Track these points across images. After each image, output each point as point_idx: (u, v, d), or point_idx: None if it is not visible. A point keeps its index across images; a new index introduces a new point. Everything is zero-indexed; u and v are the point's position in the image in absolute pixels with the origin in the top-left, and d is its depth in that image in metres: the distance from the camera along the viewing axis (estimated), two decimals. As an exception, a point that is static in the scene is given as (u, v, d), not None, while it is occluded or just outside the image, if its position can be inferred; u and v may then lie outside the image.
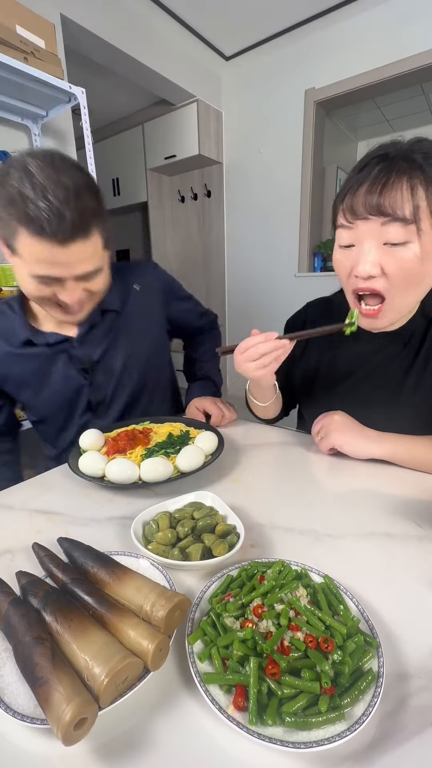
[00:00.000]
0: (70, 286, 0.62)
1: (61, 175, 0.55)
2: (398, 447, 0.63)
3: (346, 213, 0.55)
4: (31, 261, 0.58)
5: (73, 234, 0.56)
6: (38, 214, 0.53)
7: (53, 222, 0.54)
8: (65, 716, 0.24)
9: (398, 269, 0.54)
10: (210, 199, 3.07)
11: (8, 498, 0.60)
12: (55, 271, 0.59)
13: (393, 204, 0.50)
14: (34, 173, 0.54)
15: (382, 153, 0.54)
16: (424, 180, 0.51)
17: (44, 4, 1.63)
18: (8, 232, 0.57)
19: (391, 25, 2.11)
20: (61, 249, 0.56)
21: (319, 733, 0.26)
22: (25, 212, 0.53)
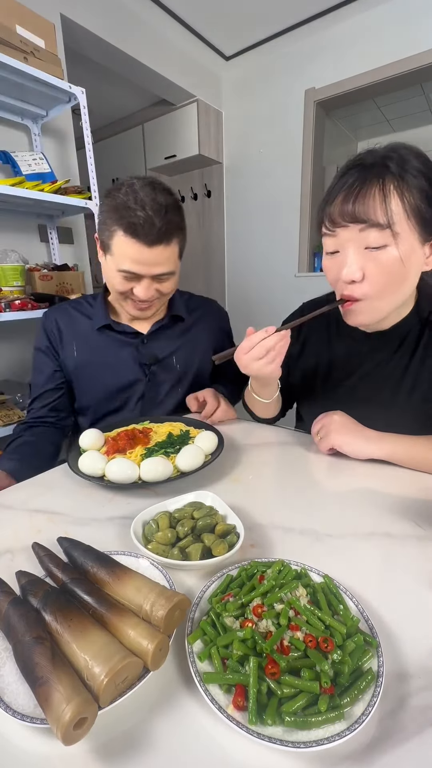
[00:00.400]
0: (145, 284, 0.77)
1: (157, 194, 0.72)
2: (397, 447, 0.63)
3: (327, 221, 0.58)
4: (120, 258, 0.73)
5: (159, 239, 0.72)
6: (136, 220, 0.70)
7: (146, 227, 0.70)
8: (65, 716, 0.24)
9: (380, 272, 0.56)
10: (210, 199, 3.06)
11: (8, 498, 0.59)
12: (136, 268, 0.74)
13: (367, 211, 0.53)
14: (138, 190, 0.71)
15: (359, 162, 0.56)
16: (398, 185, 0.52)
17: (44, 4, 1.63)
18: (108, 234, 0.73)
19: (391, 25, 2.10)
20: (148, 250, 0.72)
21: (318, 732, 0.26)
22: (125, 218, 0.70)
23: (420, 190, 0.53)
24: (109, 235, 0.73)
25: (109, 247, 0.74)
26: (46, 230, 1.83)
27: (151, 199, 0.70)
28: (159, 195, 0.72)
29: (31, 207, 1.66)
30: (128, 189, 0.72)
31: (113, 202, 0.72)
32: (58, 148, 1.85)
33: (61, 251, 1.88)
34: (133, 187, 0.72)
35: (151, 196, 0.71)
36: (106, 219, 0.73)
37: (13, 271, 1.54)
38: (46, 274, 1.63)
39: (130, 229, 0.70)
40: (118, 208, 0.71)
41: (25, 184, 1.44)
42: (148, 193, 0.71)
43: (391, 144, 0.57)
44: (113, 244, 0.73)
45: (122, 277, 0.76)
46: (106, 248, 0.76)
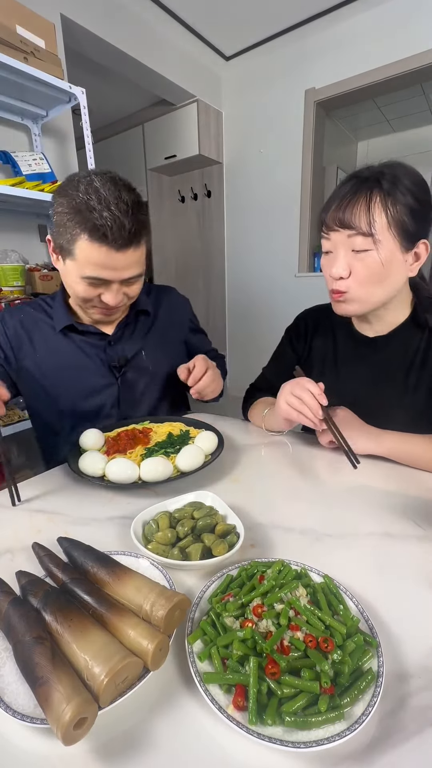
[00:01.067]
0: (114, 289, 0.70)
1: (121, 191, 0.64)
2: (397, 444, 0.65)
3: (323, 225, 0.66)
4: (85, 264, 0.66)
5: (129, 242, 0.65)
6: (102, 222, 0.61)
7: (115, 230, 0.62)
8: (65, 716, 0.24)
9: (362, 271, 0.64)
10: (210, 199, 3.06)
11: (8, 498, 0.59)
12: (105, 274, 0.67)
13: (353, 219, 0.61)
14: (99, 188, 0.63)
15: (356, 174, 0.64)
16: (383, 199, 0.60)
17: (44, 4, 1.63)
18: (68, 238, 0.65)
19: (391, 25, 2.10)
20: (117, 254, 0.65)
21: (318, 732, 0.26)
22: (90, 220, 0.62)
23: (406, 206, 0.60)
24: (69, 239, 0.64)
25: (70, 252, 0.66)
26: (46, 230, 1.83)
27: (116, 197, 0.63)
28: (123, 192, 0.64)
29: (31, 207, 1.66)
30: (88, 186, 0.63)
31: (71, 202, 0.63)
32: (59, 148, 1.86)
33: (61, 251, 1.87)
34: (93, 184, 0.63)
35: (114, 194, 0.63)
36: (65, 221, 0.64)
37: (13, 271, 1.55)
38: (46, 274, 1.63)
39: (97, 232, 0.62)
40: (79, 209, 0.62)
41: (26, 184, 1.44)
42: (111, 191, 0.63)
43: (389, 161, 0.64)
44: (76, 249, 0.65)
45: (87, 284, 0.68)
46: (65, 253, 0.67)
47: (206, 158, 2.81)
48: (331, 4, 2.11)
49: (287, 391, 0.67)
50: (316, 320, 0.86)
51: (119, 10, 2.02)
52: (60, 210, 0.64)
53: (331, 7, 2.13)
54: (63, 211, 0.64)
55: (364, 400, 0.73)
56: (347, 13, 2.18)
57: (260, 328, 3.06)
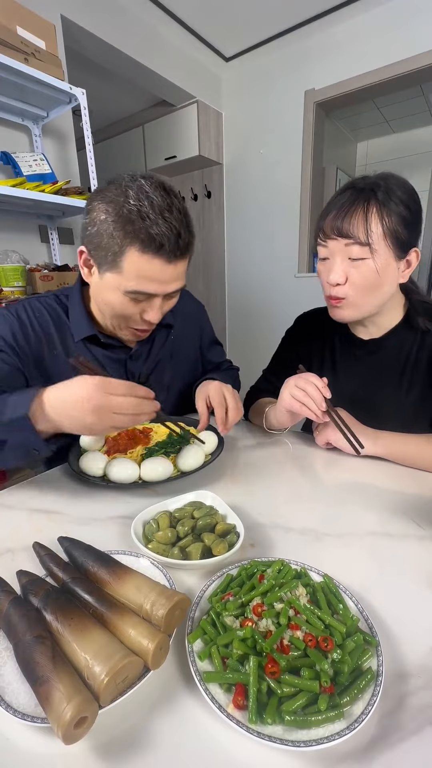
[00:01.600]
0: (157, 304, 0.64)
1: (172, 198, 0.59)
2: (393, 444, 0.66)
3: (320, 233, 0.68)
4: (132, 277, 0.59)
5: (184, 252, 0.61)
6: (159, 231, 0.56)
7: (172, 240, 0.57)
8: (65, 715, 0.24)
9: (359, 278, 0.65)
10: (210, 200, 3.07)
11: (8, 498, 0.60)
12: (152, 288, 0.61)
13: (351, 229, 0.62)
14: (150, 192, 0.57)
15: (353, 185, 0.65)
16: (379, 209, 0.61)
17: (45, 5, 1.64)
18: (115, 250, 0.58)
19: (390, 26, 2.11)
20: (169, 266, 0.60)
21: (318, 731, 0.26)
22: (145, 230, 0.56)
23: (399, 216, 0.62)
24: (117, 251, 0.58)
25: (115, 265, 0.59)
26: (46, 231, 1.83)
27: (168, 204, 0.58)
28: (174, 199, 0.59)
29: (31, 208, 1.66)
30: (139, 192, 0.56)
31: (119, 210, 0.56)
32: (59, 149, 1.86)
33: (61, 252, 1.88)
34: (144, 189, 0.57)
35: (167, 201, 0.58)
36: (111, 231, 0.57)
37: (13, 271, 1.55)
38: (46, 274, 1.63)
39: (152, 243, 0.56)
40: (130, 218, 0.55)
41: (26, 185, 1.44)
42: (163, 197, 0.57)
43: (382, 173, 0.66)
44: (123, 262, 0.58)
45: (130, 299, 0.62)
46: (107, 265, 0.60)
47: (206, 159, 2.82)
48: (330, 5, 2.11)
49: (292, 384, 0.68)
50: (313, 323, 0.88)
51: (119, 11, 2.03)
52: (103, 218, 0.57)
53: (331, 8, 2.14)
54: (108, 220, 0.57)
55: (361, 402, 0.74)
56: (347, 14, 2.18)
57: (260, 328, 3.06)
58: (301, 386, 0.66)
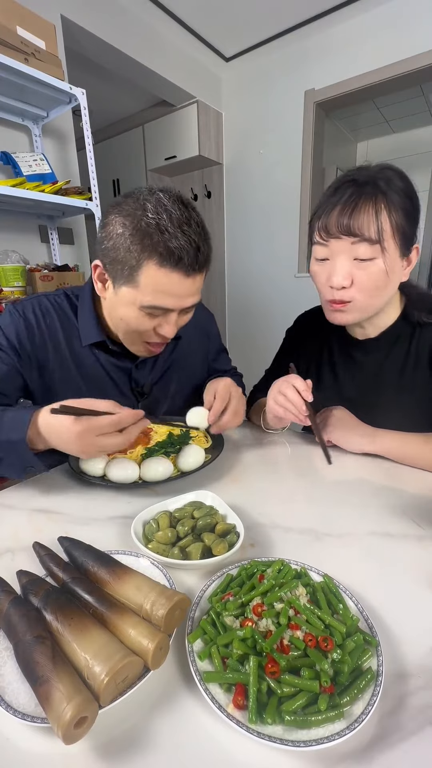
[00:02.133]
0: (173, 319, 0.63)
1: (190, 211, 0.58)
2: (392, 443, 0.66)
3: (321, 231, 0.62)
4: (150, 292, 0.58)
5: (203, 266, 0.60)
6: (179, 244, 0.55)
7: (191, 254, 0.56)
8: (66, 715, 0.24)
9: (367, 281, 0.61)
10: (210, 200, 3.07)
11: (8, 498, 0.60)
12: (168, 302, 0.60)
13: (361, 226, 0.58)
14: (168, 206, 0.56)
15: (352, 178, 0.60)
16: (387, 204, 0.58)
17: (45, 5, 1.64)
18: (132, 264, 0.57)
19: (390, 26, 2.11)
20: (187, 280, 0.59)
21: (318, 731, 0.26)
22: (163, 244, 0.55)
23: (403, 210, 0.59)
24: (134, 265, 0.57)
25: (131, 279, 0.58)
26: (46, 231, 1.83)
27: (187, 217, 0.57)
28: (193, 212, 0.58)
29: (31, 208, 1.66)
30: (157, 206, 0.55)
31: (138, 223, 0.55)
32: (59, 149, 1.86)
33: (61, 252, 1.88)
34: (162, 203, 0.56)
35: (186, 214, 0.57)
36: (129, 245, 0.56)
37: (13, 271, 1.55)
38: (46, 274, 1.63)
39: (171, 257, 0.55)
40: (148, 231, 0.55)
41: (26, 185, 1.44)
42: (182, 210, 0.56)
43: (380, 164, 0.62)
44: (140, 276, 0.57)
45: (146, 314, 0.61)
46: (124, 280, 0.59)
47: (206, 159, 2.82)
48: (330, 5, 2.12)
49: (276, 389, 0.68)
50: (312, 323, 0.87)
51: (119, 11, 2.03)
52: (121, 231, 0.56)
53: (331, 8, 2.14)
54: (125, 233, 0.56)
55: (361, 402, 0.73)
56: (347, 14, 2.18)
57: (260, 329, 3.06)
58: (282, 391, 0.66)
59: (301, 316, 0.93)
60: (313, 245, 0.66)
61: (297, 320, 0.93)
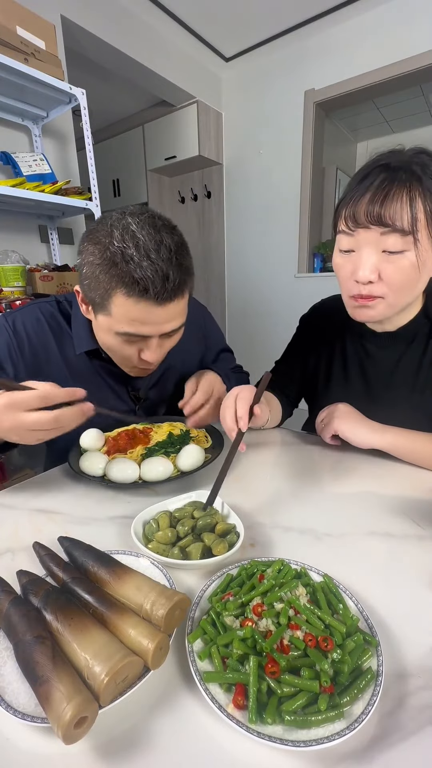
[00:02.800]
0: (154, 344, 0.61)
1: (162, 234, 0.55)
2: (399, 439, 0.64)
3: (348, 220, 0.57)
4: (122, 320, 0.57)
5: (173, 295, 0.56)
6: (143, 274, 0.53)
7: (157, 283, 0.53)
8: (65, 715, 0.24)
9: (396, 275, 0.56)
10: (210, 200, 3.07)
11: (8, 498, 0.60)
12: (144, 330, 0.58)
13: (393, 215, 0.52)
14: (136, 232, 0.53)
15: (384, 162, 0.55)
16: (422, 192, 0.52)
17: (45, 5, 1.64)
18: (101, 293, 0.56)
19: (390, 26, 2.11)
20: (158, 309, 0.56)
21: (318, 731, 0.26)
22: (128, 273, 0.53)
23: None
24: (103, 294, 0.55)
25: (103, 308, 0.57)
26: (46, 231, 1.83)
27: (157, 242, 0.54)
28: (165, 235, 0.55)
29: (31, 208, 1.67)
30: (124, 232, 0.53)
31: (104, 252, 0.53)
32: (59, 149, 1.86)
33: (61, 252, 1.88)
34: (130, 229, 0.53)
35: (156, 239, 0.54)
36: (98, 274, 0.54)
37: (13, 271, 1.55)
38: (46, 274, 1.63)
39: (136, 286, 0.53)
40: (114, 260, 0.53)
41: (26, 185, 1.44)
42: (150, 235, 0.54)
43: (415, 147, 0.57)
44: (111, 305, 0.56)
45: (123, 340, 0.60)
46: (97, 308, 0.59)
47: (206, 159, 2.82)
48: (330, 5, 2.12)
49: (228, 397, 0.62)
50: (326, 315, 0.83)
51: (119, 11, 2.03)
52: (91, 260, 0.55)
53: (331, 8, 2.14)
54: (94, 262, 0.54)
55: (370, 397, 0.71)
56: (347, 14, 2.18)
57: (260, 329, 3.07)
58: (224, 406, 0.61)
59: (318, 305, 0.88)
60: (338, 235, 0.60)
61: (313, 308, 0.88)
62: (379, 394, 0.72)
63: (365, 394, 0.72)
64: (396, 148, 0.58)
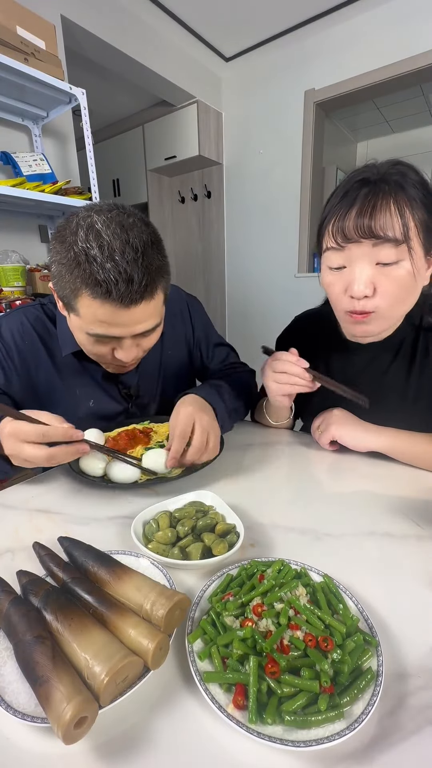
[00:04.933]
0: (126, 345, 0.60)
1: (129, 233, 0.52)
2: (397, 440, 0.64)
3: (336, 236, 0.56)
4: (90, 321, 0.56)
5: (139, 297, 0.54)
6: (106, 276, 0.51)
7: (121, 285, 0.51)
8: (65, 715, 0.24)
9: (391, 287, 0.56)
10: (210, 200, 3.07)
11: (8, 498, 0.60)
12: (113, 331, 0.57)
13: (384, 226, 0.52)
14: (101, 231, 0.51)
15: (362, 177, 0.55)
16: (408, 201, 0.52)
17: (45, 5, 1.64)
18: (68, 293, 0.55)
19: (390, 26, 2.11)
20: (125, 311, 0.54)
21: (318, 731, 0.26)
22: (91, 274, 0.51)
23: (424, 204, 0.54)
24: (71, 294, 0.54)
25: (72, 308, 0.56)
26: (46, 231, 1.83)
27: (123, 242, 0.51)
28: (132, 234, 0.52)
29: (31, 208, 1.67)
30: (88, 231, 0.51)
31: (69, 252, 0.52)
32: (59, 149, 1.86)
33: (61, 252, 1.88)
34: (95, 228, 0.51)
35: (122, 239, 0.51)
36: (64, 273, 0.53)
37: (13, 271, 1.55)
38: (46, 274, 1.63)
39: (100, 289, 0.51)
40: (78, 260, 0.51)
41: (26, 185, 1.44)
42: (116, 234, 0.51)
43: (389, 160, 0.57)
44: (78, 305, 0.55)
45: (95, 341, 0.59)
46: (68, 307, 0.57)
47: (206, 159, 2.82)
48: (330, 5, 2.12)
49: (269, 373, 0.66)
50: (308, 328, 0.82)
51: (119, 11, 2.03)
52: (57, 259, 0.54)
53: (331, 8, 2.14)
54: (61, 261, 0.53)
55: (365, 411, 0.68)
56: (347, 14, 2.18)
57: (260, 329, 3.06)
58: (279, 369, 0.64)
59: (296, 320, 0.87)
60: (324, 253, 0.60)
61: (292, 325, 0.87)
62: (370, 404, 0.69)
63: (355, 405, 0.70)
64: (369, 162, 0.58)
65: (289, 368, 0.63)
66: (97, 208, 0.54)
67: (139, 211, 0.58)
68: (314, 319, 0.83)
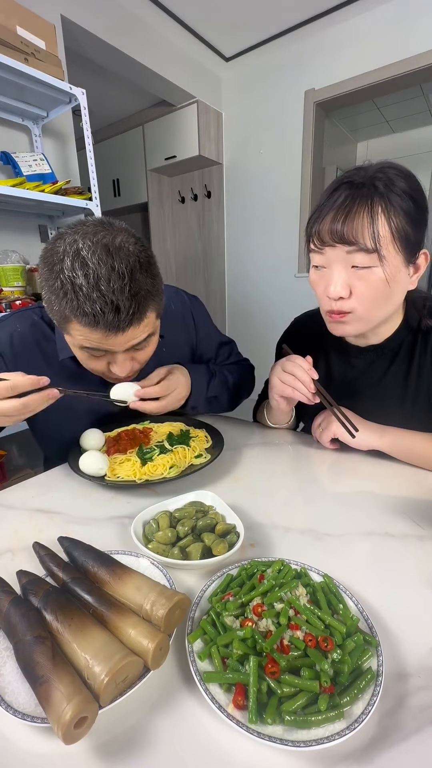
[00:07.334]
0: (121, 359, 0.60)
1: (115, 259, 0.51)
2: (398, 439, 0.64)
3: (314, 238, 0.58)
4: (80, 339, 0.57)
5: (127, 324, 0.54)
6: (92, 308, 0.51)
7: (108, 315, 0.52)
8: (65, 715, 0.24)
9: (366, 291, 0.57)
10: (210, 200, 3.07)
11: (8, 498, 0.60)
12: (106, 346, 0.57)
13: (355, 234, 0.53)
14: (87, 259, 0.51)
15: (349, 180, 0.56)
16: (385, 207, 0.53)
17: (45, 5, 1.64)
18: (60, 319, 0.56)
19: (390, 26, 2.11)
20: (115, 336, 0.55)
21: (318, 731, 0.26)
22: (78, 306, 0.51)
23: (406, 213, 0.54)
24: (61, 320, 0.56)
25: (65, 329, 0.57)
26: (46, 231, 1.83)
27: (109, 269, 0.50)
28: (118, 260, 0.51)
29: (31, 208, 1.66)
30: (74, 260, 0.50)
31: (56, 281, 0.52)
32: (59, 149, 1.86)
33: (61, 252, 1.88)
34: (80, 255, 0.50)
35: (108, 265, 0.50)
36: (52, 299, 0.54)
37: (13, 271, 1.55)
38: (46, 274, 1.63)
39: (87, 319, 0.52)
40: (65, 290, 0.51)
41: (26, 185, 1.44)
42: (102, 261, 0.50)
43: (380, 163, 0.57)
44: (69, 328, 0.56)
45: (89, 355, 0.59)
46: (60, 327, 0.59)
47: (206, 159, 2.82)
48: (330, 5, 2.12)
49: (278, 369, 0.66)
50: (307, 330, 0.82)
51: (119, 11, 2.03)
52: (46, 285, 0.54)
53: (331, 8, 2.14)
54: (49, 288, 0.53)
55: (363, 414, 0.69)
56: (346, 14, 2.18)
57: (260, 329, 3.06)
58: (288, 370, 0.65)
59: (295, 322, 0.88)
60: (310, 252, 0.62)
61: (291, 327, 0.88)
62: (369, 407, 0.70)
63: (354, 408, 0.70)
64: (363, 164, 0.58)
65: (298, 373, 0.64)
66: (83, 231, 0.53)
67: (128, 227, 0.57)
68: (312, 320, 0.82)
